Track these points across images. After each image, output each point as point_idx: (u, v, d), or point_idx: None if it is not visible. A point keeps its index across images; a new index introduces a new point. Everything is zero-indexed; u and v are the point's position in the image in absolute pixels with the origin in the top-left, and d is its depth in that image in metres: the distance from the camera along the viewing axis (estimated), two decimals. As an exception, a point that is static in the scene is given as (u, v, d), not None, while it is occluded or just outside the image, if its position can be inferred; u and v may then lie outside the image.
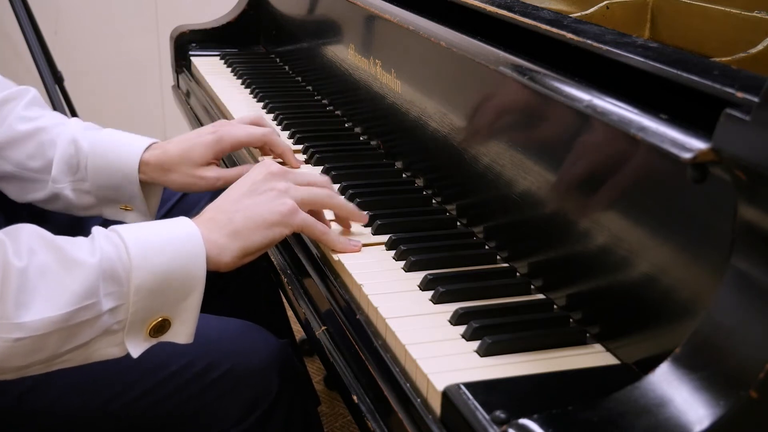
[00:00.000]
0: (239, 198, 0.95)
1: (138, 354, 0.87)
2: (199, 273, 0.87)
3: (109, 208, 1.19)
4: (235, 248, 0.91)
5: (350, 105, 1.44)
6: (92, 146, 1.15)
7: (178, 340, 0.89)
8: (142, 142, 1.16)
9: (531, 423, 0.62)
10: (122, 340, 0.85)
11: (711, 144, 0.64)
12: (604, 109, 0.76)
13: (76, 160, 1.15)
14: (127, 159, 1.15)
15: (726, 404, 0.59)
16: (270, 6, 1.85)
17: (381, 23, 1.28)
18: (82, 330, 0.82)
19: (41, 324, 0.79)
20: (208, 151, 1.15)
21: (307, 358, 2.00)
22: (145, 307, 0.85)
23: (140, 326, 0.86)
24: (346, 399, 0.87)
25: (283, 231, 0.94)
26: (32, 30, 2.52)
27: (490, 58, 0.95)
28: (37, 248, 0.82)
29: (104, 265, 0.82)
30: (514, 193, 0.94)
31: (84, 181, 1.16)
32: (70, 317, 0.81)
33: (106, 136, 1.17)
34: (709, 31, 1.04)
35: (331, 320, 0.95)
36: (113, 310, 0.83)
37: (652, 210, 0.75)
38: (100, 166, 1.15)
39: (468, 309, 0.85)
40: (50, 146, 1.15)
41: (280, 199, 0.95)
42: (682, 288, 0.71)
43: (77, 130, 1.17)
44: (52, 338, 0.81)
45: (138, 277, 0.83)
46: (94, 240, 0.85)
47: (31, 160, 1.16)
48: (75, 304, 0.81)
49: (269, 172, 0.97)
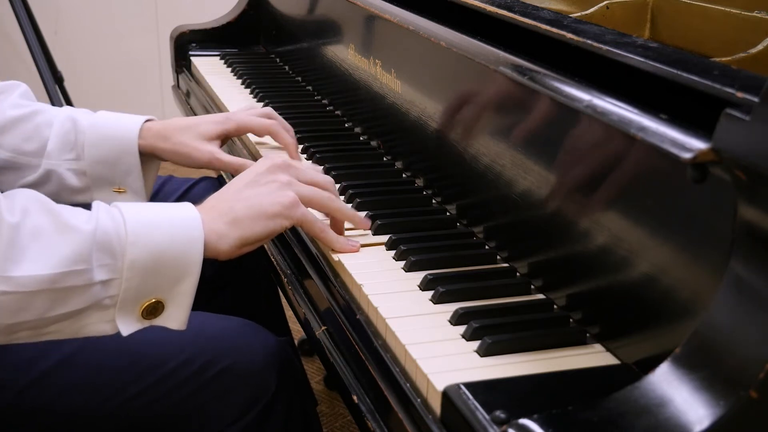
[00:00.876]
0: (242, 188, 0.95)
1: (128, 333, 0.86)
2: (195, 257, 0.87)
3: (102, 191, 1.19)
4: (234, 237, 0.91)
5: (350, 105, 1.44)
6: (91, 122, 1.17)
7: (170, 325, 0.89)
8: (142, 116, 1.20)
9: (531, 423, 0.62)
10: (113, 317, 0.85)
11: (711, 144, 0.64)
12: (604, 109, 0.76)
13: (74, 135, 1.16)
14: (126, 127, 1.17)
15: (726, 404, 0.59)
16: (270, 6, 1.85)
17: (381, 23, 1.28)
18: (71, 296, 0.82)
19: (29, 280, 0.79)
20: (215, 128, 1.19)
21: (307, 358, 2.00)
22: (139, 285, 0.84)
23: (133, 305, 0.85)
24: (346, 399, 0.87)
25: (283, 222, 0.94)
26: (32, 30, 2.52)
27: (490, 58, 0.96)
28: (33, 210, 0.82)
29: (99, 235, 0.82)
30: (514, 193, 0.94)
31: (79, 160, 1.16)
32: (58, 279, 0.80)
33: (106, 113, 1.20)
34: (709, 31, 1.04)
35: (331, 320, 0.95)
36: (105, 283, 0.83)
37: (652, 210, 0.75)
38: (98, 140, 1.16)
39: (468, 309, 0.85)
40: (46, 127, 1.16)
41: (282, 190, 0.95)
42: (682, 288, 0.71)
43: (74, 110, 1.20)
44: (40, 298, 0.80)
45: (133, 252, 0.83)
46: (93, 211, 0.85)
47: (27, 142, 1.16)
48: (64, 267, 0.80)
49: (273, 164, 0.98)
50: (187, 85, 1.80)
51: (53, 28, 2.90)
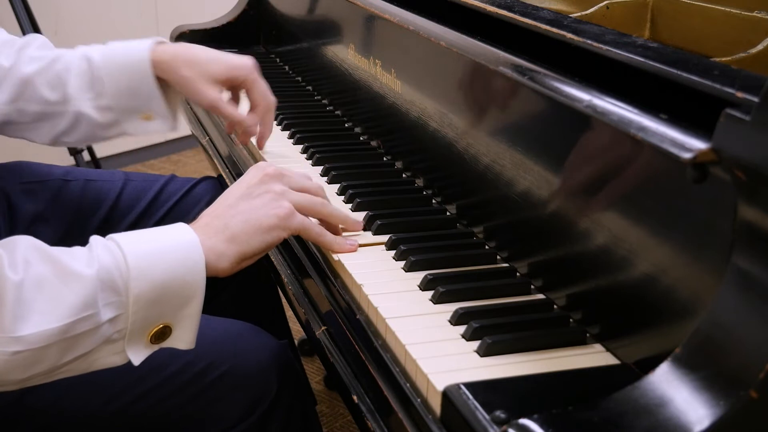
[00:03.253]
0: (235, 202, 0.94)
1: (139, 361, 0.86)
2: (198, 280, 0.86)
3: (131, 122, 1.20)
4: (232, 253, 0.90)
5: (350, 105, 1.44)
6: (103, 55, 1.18)
7: (179, 346, 0.89)
8: (150, 39, 1.20)
9: (531, 423, 0.62)
10: (123, 348, 0.85)
11: (711, 144, 0.64)
12: (604, 109, 0.76)
13: (91, 72, 1.17)
14: (136, 54, 1.18)
15: (726, 404, 0.59)
16: (270, 6, 1.85)
17: (381, 23, 1.28)
18: (81, 341, 0.82)
19: (39, 337, 0.79)
20: (223, 71, 1.19)
21: (307, 358, 2.00)
22: (145, 316, 0.84)
23: (140, 334, 0.85)
24: (346, 399, 0.87)
25: (280, 234, 0.94)
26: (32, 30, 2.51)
27: (490, 58, 0.96)
28: (33, 260, 0.81)
29: (102, 276, 0.82)
30: (514, 193, 0.94)
31: (102, 96, 1.18)
32: (68, 329, 0.80)
33: (116, 43, 1.20)
34: (709, 31, 1.04)
35: (331, 320, 0.95)
36: (113, 320, 0.83)
37: (652, 210, 0.75)
38: (114, 72, 1.17)
39: (468, 309, 0.85)
40: (65, 72, 1.18)
41: (276, 201, 0.94)
42: (682, 288, 0.71)
43: (86, 48, 1.20)
44: (51, 350, 0.80)
45: (137, 287, 0.83)
46: (91, 250, 0.84)
47: (52, 91, 1.17)
48: (73, 316, 0.80)
49: (265, 174, 0.96)
50: (187, 85, 1.80)
51: (53, 28, 2.90)
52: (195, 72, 1.18)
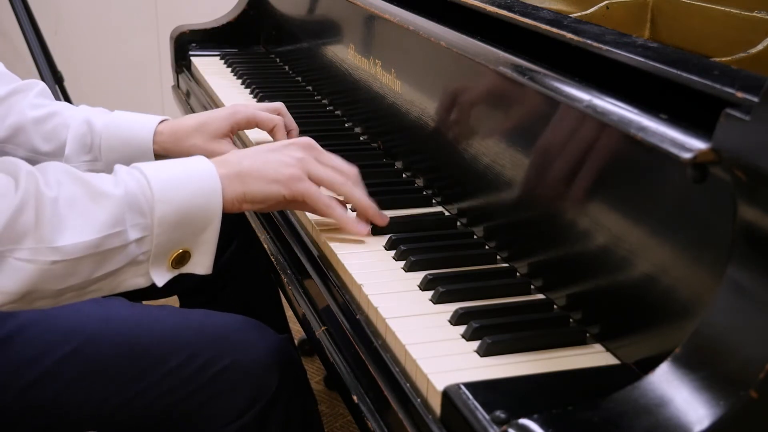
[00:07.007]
0: (257, 151, 1.00)
1: (163, 283, 0.91)
2: (215, 207, 0.91)
3: None
4: (237, 188, 0.94)
5: (350, 105, 1.44)
6: (105, 124, 1.20)
7: (197, 270, 0.93)
8: (156, 117, 1.22)
9: (531, 423, 0.62)
10: (147, 270, 0.90)
11: (711, 144, 0.64)
12: (604, 109, 0.77)
13: (90, 138, 1.19)
14: (140, 130, 1.20)
15: (726, 404, 0.59)
16: (270, 6, 1.85)
17: (381, 23, 1.28)
18: (112, 257, 0.87)
19: (75, 248, 0.84)
20: (224, 124, 1.21)
21: (307, 358, 2.00)
22: (168, 239, 0.89)
23: (163, 257, 0.90)
24: (346, 399, 0.87)
25: (280, 190, 0.96)
26: (32, 30, 2.52)
27: (490, 58, 0.96)
28: (65, 181, 0.86)
29: (129, 198, 0.87)
30: (514, 193, 0.94)
31: (97, 161, 1.19)
32: (100, 243, 0.85)
33: (119, 113, 1.22)
34: (709, 31, 1.04)
35: (331, 320, 0.95)
36: (139, 241, 0.88)
37: (652, 210, 0.75)
38: (114, 143, 1.19)
39: (468, 309, 0.85)
40: (63, 128, 1.19)
41: (291, 163, 0.98)
42: (682, 288, 0.71)
43: (89, 111, 1.22)
44: (85, 263, 0.85)
45: (161, 210, 0.88)
46: (116, 175, 0.90)
47: (45, 143, 1.19)
48: (104, 231, 0.85)
49: (297, 142, 1.01)
50: (187, 85, 1.80)
51: (53, 28, 2.90)
52: (201, 137, 1.20)
